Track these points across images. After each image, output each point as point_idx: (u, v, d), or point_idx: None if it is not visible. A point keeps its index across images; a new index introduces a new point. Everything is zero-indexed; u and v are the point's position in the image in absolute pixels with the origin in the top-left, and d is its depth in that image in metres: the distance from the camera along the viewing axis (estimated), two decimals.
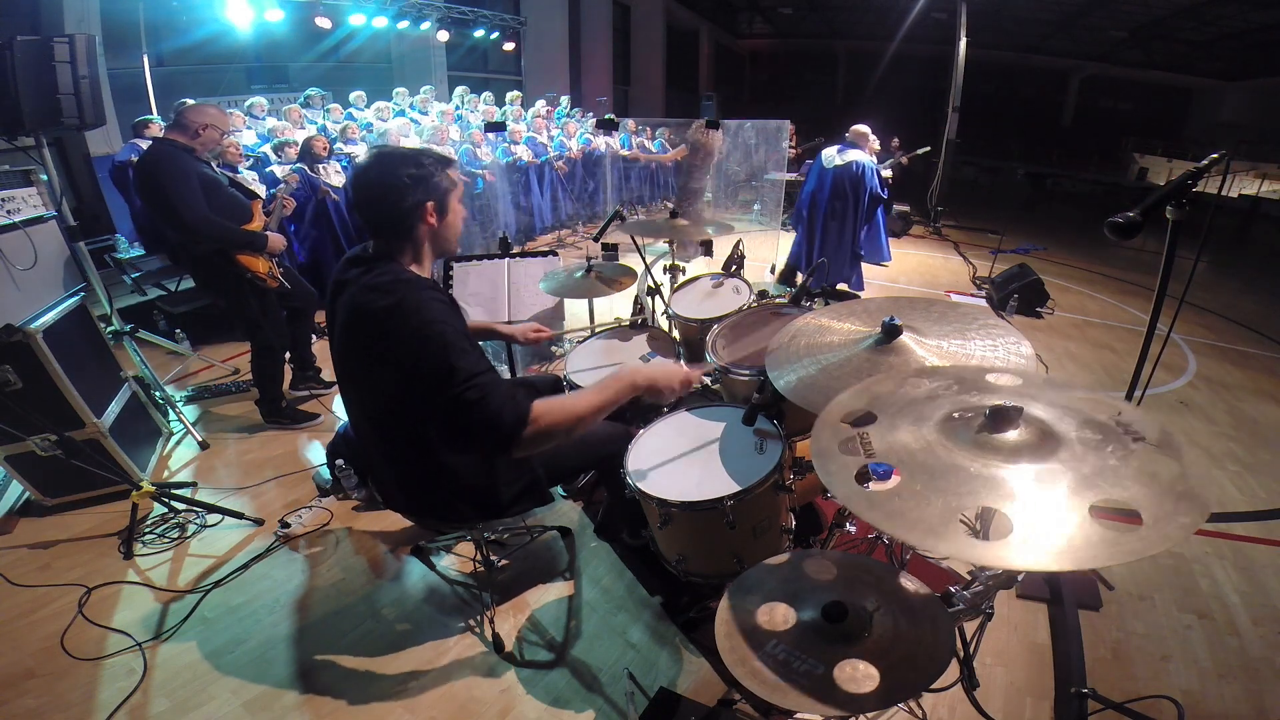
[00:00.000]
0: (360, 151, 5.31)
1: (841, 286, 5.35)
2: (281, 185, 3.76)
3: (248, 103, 5.79)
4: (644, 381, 1.53)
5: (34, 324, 2.30)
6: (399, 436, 1.56)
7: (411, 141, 5.79)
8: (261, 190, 3.98)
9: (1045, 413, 1.06)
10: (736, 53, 22.14)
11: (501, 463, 1.66)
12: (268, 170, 4.52)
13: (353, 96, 6.71)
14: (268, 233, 2.96)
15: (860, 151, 5.12)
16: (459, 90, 8.22)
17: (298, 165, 4.63)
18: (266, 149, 4.76)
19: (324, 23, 8.14)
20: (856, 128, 5.21)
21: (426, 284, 1.42)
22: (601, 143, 8.35)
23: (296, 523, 2.52)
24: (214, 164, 3.00)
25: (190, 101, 4.88)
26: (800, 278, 2.81)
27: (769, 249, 6.43)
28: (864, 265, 6.95)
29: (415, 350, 1.34)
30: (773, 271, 6.02)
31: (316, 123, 5.96)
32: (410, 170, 1.41)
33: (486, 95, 8.33)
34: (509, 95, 8.49)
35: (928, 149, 8.12)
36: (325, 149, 4.77)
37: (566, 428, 1.42)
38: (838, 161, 5.14)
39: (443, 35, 9.94)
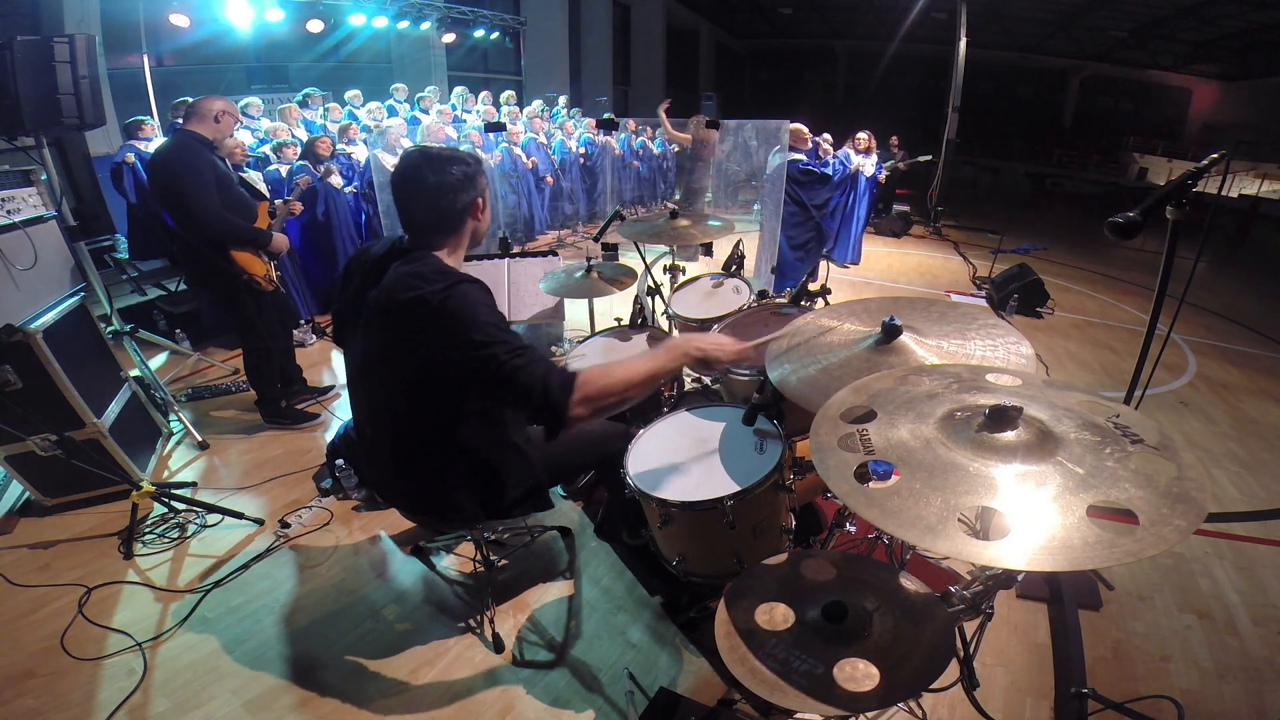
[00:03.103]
0: (359, 151, 5.30)
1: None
2: (294, 189, 3.79)
3: (243, 103, 5.78)
4: (696, 351, 1.53)
5: (34, 324, 2.30)
6: (419, 427, 1.56)
7: (407, 142, 5.78)
8: (265, 190, 3.98)
9: (1044, 413, 1.06)
10: (736, 53, 22.14)
11: (511, 462, 1.67)
12: (269, 169, 4.52)
13: (348, 95, 6.70)
14: (272, 232, 2.96)
15: (792, 151, 5.17)
16: (457, 90, 8.21)
17: (300, 164, 4.62)
18: (266, 149, 4.75)
19: (315, 25, 8.12)
20: (789, 126, 5.26)
21: (467, 275, 1.46)
22: (601, 144, 8.35)
23: (296, 523, 2.52)
24: (226, 161, 3.00)
25: (189, 100, 4.87)
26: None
27: (769, 249, 6.42)
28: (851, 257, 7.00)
29: (466, 328, 1.37)
30: (773, 272, 6.04)
31: (314, 123, 5.94)
32: (462, 168, 1.47)
33: (484, 95, 8.32)
34: (502, 95, 8.48)
35: (929, 157, 8.14)
36: (329, 150, 4.77)
37: (617, 392, 1.42)
38: (773, 165, 5.23)
39: (448, 37, 9.94)
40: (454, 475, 1.61)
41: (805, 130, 5.29)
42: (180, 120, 4.72)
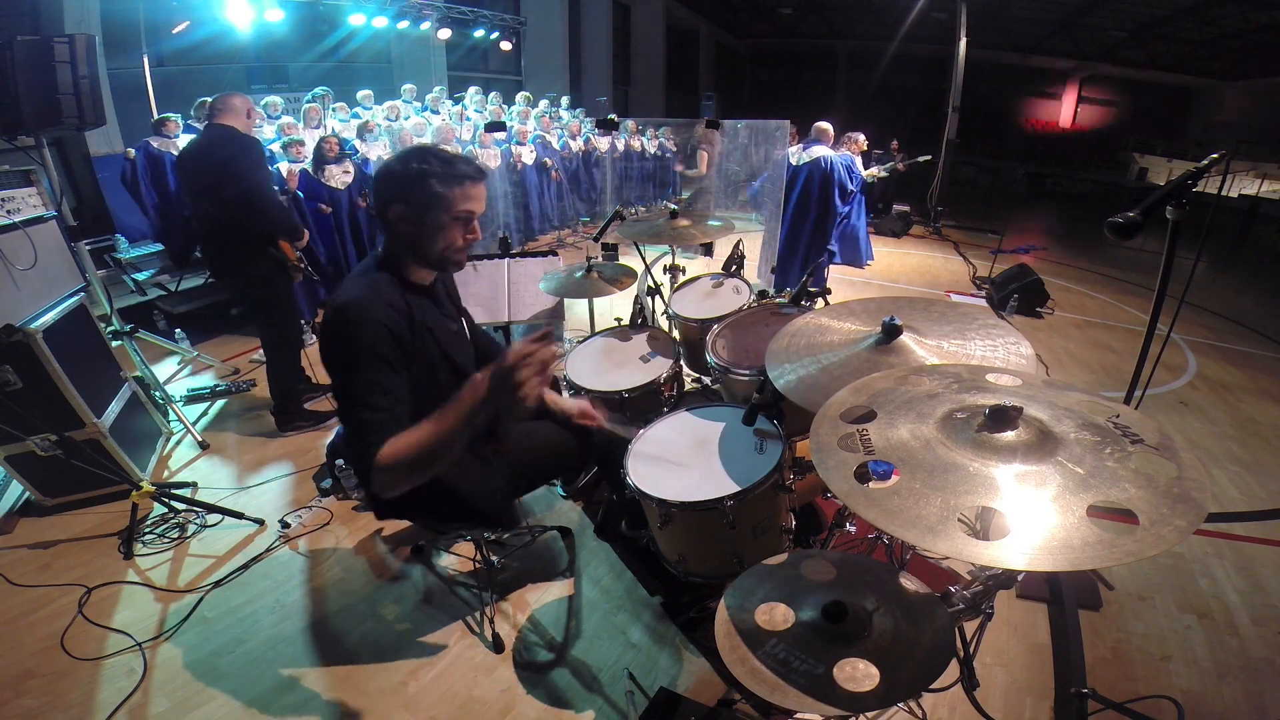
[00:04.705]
0: (379, 149, 5.33)
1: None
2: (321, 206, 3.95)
3: (264, 101, 5.79)
4: (482, 386, 1.18)
5: (34, 324, 2.30)
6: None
7: (424, 139, 5.81)
8: None
9: (1044, 413, 1.06)
10: (736, 53, 22.13)
11: (471, 475, 1.64)
12: (274, 168, 4.53)
13: (360, 95, 6.72)
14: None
15: (823, 147, 5.18)
16: (471, 90, 8.23)
17: (303, 168, 4.64)
18: (275, 147, 4.77)
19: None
20: (818, 124, 5.30)
21: (385, 299, 1.35)
22: (603, 143, 8.35)
23: (296, 523, 2.52)
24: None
25: (208, 100, 4.95)
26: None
27: (769, 249, 6.42)
28: (844, 266, 6.98)
29: (338, 356, 1.32)
30: (772, 272, 6.05)
31: (328, 123, 5.96)
32: (408, 166, 1.35)
33: (494, 95, 8.34)
34: (519, 95, 8.51)
35: (928, 158, 8.15)
36: (334, 151, 4.77)
37: (414, 458, 1.22)
38: (804, 158, 5.20)
39: (444, 33, 9.94)
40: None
41: (830, 130, 5.32)
42: (196, 118, 4.72)
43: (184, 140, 4.70)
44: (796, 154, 5.31)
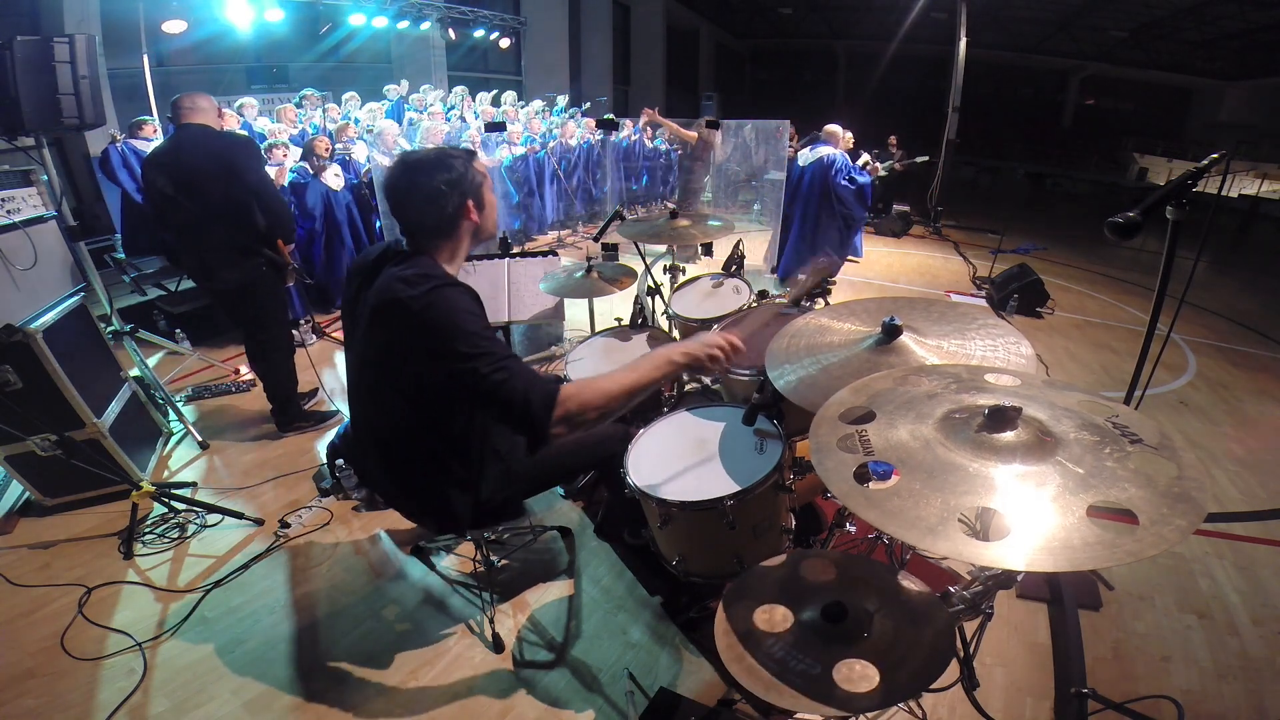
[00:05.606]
0: (358, 151, 5.31)
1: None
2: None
3: (238, 103, 5.77)
4: (681, 357, 1.46)
5: (34, 324, 2.30)
6: (405, 431, 1.57)
7: (402, 139, 5.76)
8: None
9: (1044, 413, 1.06)
10: (736, 53, 22.13)
11: (491, 471, 1.66)
12: None
13: (345, 97, 6.70)
14: None
15: (829, 146, 5.32)
16: (456, 90, 8.21)
17: (300, 164, 4.63)
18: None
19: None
20: (828, 127, 5.49)
21: (453, 279, 1.44)
22: (599, 143, 8.35)
23: (296, 523, 2.52)
24: None
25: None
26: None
27: (770, 248, 6.42)
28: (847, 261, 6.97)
29: (447, 337, 1.34)
30: (773, 271, 6.05)
31: (314, 124, 5.95)
32: (444, 176, 1.44)
33: (481, 95, 8.32)
34: (504, 96, 8.48)
35: (926, 158, 8.14)
36: (327, 150, 4.77)
37: (599, 408, 1.37)
38: (810, 158, 5.31)
39: (452, 33, 9.94)
40: (435, 482, 1.62)
41: (838, 131, 5.45)
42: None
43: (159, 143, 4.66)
44: (805, 155, 5.42)
